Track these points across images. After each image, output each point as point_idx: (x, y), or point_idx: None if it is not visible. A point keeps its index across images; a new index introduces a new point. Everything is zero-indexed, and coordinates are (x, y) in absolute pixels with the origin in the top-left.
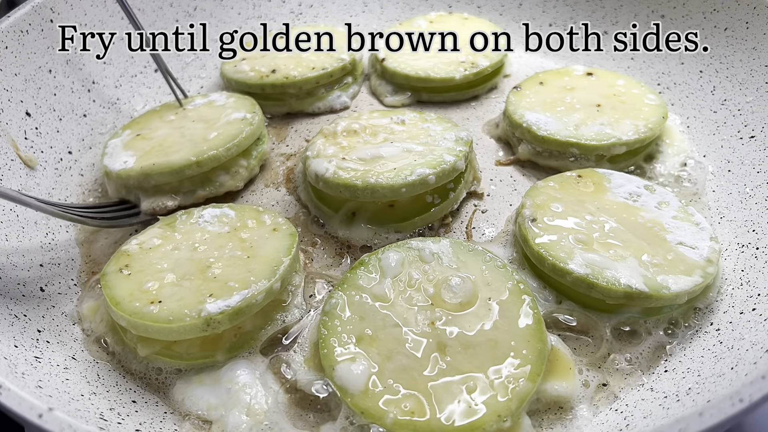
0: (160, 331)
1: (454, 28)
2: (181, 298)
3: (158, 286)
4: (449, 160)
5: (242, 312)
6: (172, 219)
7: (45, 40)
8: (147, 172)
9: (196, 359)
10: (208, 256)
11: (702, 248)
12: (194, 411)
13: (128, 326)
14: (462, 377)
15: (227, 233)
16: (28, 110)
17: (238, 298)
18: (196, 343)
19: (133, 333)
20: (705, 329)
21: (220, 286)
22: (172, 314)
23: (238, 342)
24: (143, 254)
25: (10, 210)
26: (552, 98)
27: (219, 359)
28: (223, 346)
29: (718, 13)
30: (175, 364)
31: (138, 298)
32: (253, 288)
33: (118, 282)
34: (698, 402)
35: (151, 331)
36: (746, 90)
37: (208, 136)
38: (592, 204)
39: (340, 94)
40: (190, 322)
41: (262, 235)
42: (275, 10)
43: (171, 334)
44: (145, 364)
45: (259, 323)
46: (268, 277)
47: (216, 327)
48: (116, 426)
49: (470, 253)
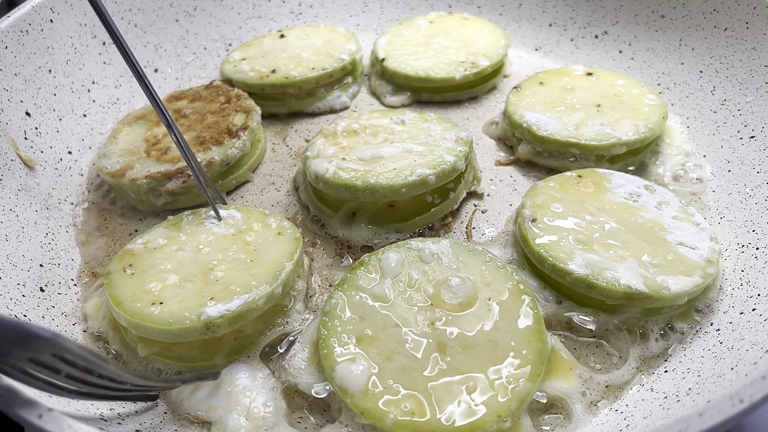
0: (160, 332)
1: (454, 28)
2: (182, 300)
3: (161, 287)
4: (449, 160)
5: (242, 316)
6: (179, 219)
7: (45, 40)
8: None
9: (195, 362)
10: (211, 258)
11: (702, 248)
12: (193, 412)
13: (129, 326)
14: (462, 377)
15: (232, 235)
16: (28, 110)
17: (238, 303)
18: (195, 346)
19: (134, 333)
20: (705, 329)
21: (221, 289)
22: (172, 316)
23: (238, 346)
24: (148, 254)
25: (10, 210)
26: (552, 98)
27: (218, 363)
28: (222, 350)
29: (718, 13)
30: (174, 365)
31: (140, 299)
32: (254, 293)
33: (121, 281)
34: (698, 402)
35: (151, 332)
36: (746, 90)
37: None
38: (592, 204)
39: (340, 94)
40: (189, 324)
41: (267, 238)
42: (275, 10)
43: (170, 336)
44: (144, 364)
45: (259, 327)
46: (270, 281)
47: (215, 330)
48: (116, 426)
49: (470, 254)
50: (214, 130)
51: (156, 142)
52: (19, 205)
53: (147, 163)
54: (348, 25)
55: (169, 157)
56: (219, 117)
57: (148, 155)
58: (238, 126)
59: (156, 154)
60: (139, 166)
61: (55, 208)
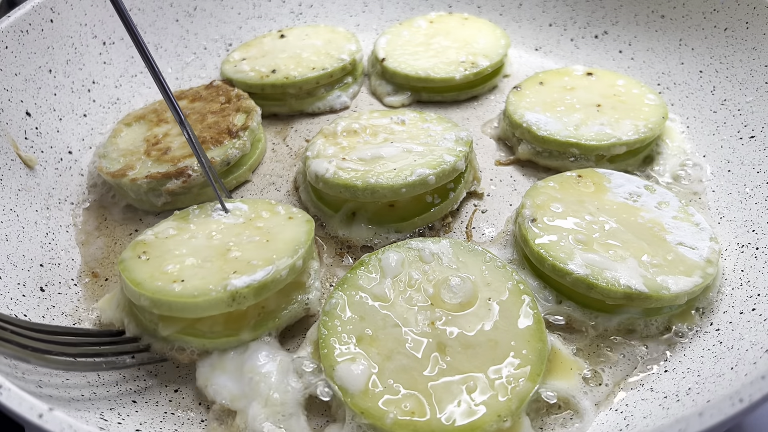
0: (185, 306)
1: (454, 28)
2: (203, 277)
3: (179, 267)
4: (449, 160)
5: (267, 287)
6: (185, 213)
7: (45, 40)
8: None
9: (221, 338)
10: (226, 242)
11: (702, 248)
12: (219, 400)
13: (150, 305)
14: (462, 377)
15: (242, 223)
16: (28, 110)
17: (262, 273)
18: (220, 322)
19: (155, 313)
20: (705, 329)
21: (243, 264)
22: (196, 290)
23: (261, 321)
24: (160, 242)
25: (10, 210)
26: (552, 98)
27: (244, 338)
28: (247, 324)
29: (718, 13)
30: (199, 343)
31: (159, 279)
32: (276, 264)
33: (137, 267)
34: (698, 402)
35: (175, 308)
36: (746, 90)
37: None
38: (592, 204)
39: (340, 94)
40: (215, 296)
41: (279, 222)
42: (275, 10)
43: (196, 309)
44: (169, 346)
45: (282, 302)
46: (290, 255)
47: (241, 302)
48: (116, 426)
49: (470, 254)
50: (214, 130)
51: (156, 142)
52: (19, 205)
53: (147, 163)
54: (348, 25)
55: (169, 157)
56: (219, 117)
57: (148, 155)
58: (238, 126)
59: (156, 154)
60: (139, 166)
61: (55, 208)
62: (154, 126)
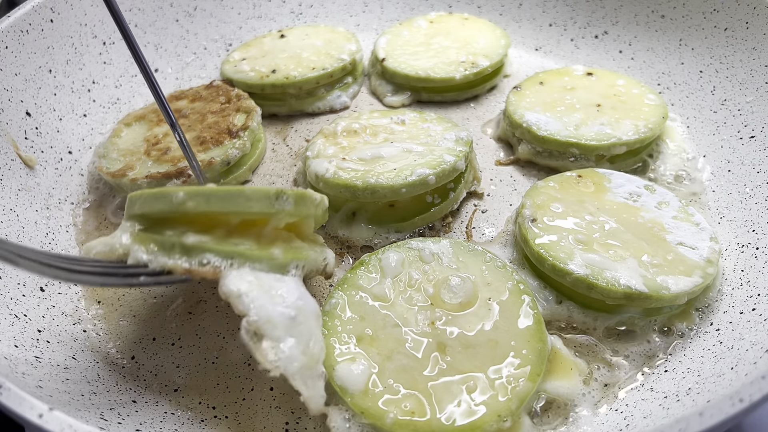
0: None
1: (454, 28)
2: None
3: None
4: (449, 160)
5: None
6: None
7: (45, 40)
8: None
9: (253, 251)
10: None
11: (702, 248)
12: (252, 316)
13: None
14: (462, 377)
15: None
16: (28, 110)
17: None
18: (251, 235)
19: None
20: (705, 329)
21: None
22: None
23: (289, 250)
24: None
25: (10, 210)
26: (552, 98)
27: (275, 255)
28: (278, 246)
29: (718, 13)
30: (226, 253)
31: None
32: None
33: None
34: (698, 402)
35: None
36: (746, 90)
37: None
38: (592, 204)
39: (340, 94)
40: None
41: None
42: (275, 10)
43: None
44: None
45: (306, 242)
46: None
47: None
48: (116, 426)
49: (470, 253)
50: (214, 130)
51: (156, 142)
52: (20, 205)
53: (147, 163)
54: (348, 25)
55: (169, 157)
56: (219, 117)
57: (148, 155)
58: (238, 126)
59: (156, 154)
60: (139, 166)
61: (55, 208)
62: (154, 126)
